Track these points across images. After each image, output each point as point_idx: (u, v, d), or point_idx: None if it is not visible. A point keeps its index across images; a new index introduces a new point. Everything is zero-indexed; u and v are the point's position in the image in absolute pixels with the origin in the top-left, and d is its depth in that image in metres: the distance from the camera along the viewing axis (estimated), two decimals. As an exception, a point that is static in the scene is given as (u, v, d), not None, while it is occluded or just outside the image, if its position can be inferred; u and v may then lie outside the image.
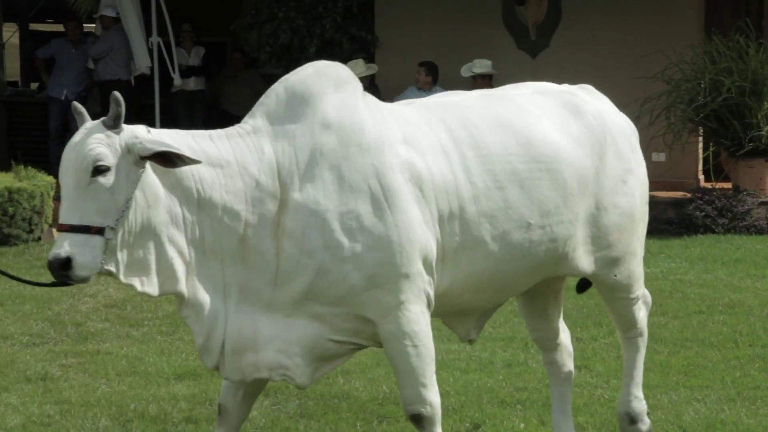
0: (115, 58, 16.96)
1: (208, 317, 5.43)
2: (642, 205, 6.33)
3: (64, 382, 7.96)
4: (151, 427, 7.07)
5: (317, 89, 5.60)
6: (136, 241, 5.26)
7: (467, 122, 5.82)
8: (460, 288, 5.80)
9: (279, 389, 7.80)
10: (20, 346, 8.95)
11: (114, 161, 5.15)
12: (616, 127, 6.22)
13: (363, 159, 5.51)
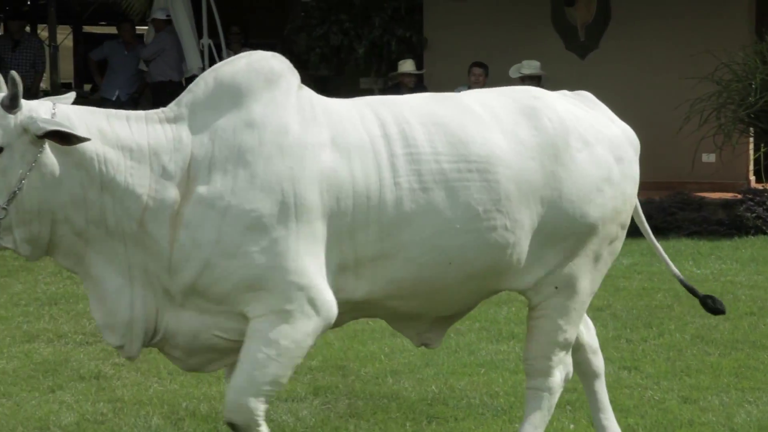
0: (167, 60, 17.03)
1: (109, 294, 5.43)
2: (611, 222, 5.83)
3: (117, 380, 7.99)
4: (203, 425, 7.08)
5: (246, 84, 5.50)
6: (34, 220, 5.25)
7: (401, 119, 5.62)
8: (382, 295, 5.64)
9: (329, 388, 7.80)
10: (74, 345, 8.99)
11: (6, 141, 5.15)
12: (591, 132, 5.81)
13: (282, 162, 5.39)
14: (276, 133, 5.40)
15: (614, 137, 5.90)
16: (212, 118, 5.45)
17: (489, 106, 5.71)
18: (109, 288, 5.45)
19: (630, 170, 5.93)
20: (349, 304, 5.60)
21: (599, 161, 5.78)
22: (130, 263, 5.43)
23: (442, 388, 7.67)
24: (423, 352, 8.66)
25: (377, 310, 5.82)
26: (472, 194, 5.52)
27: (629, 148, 5.97)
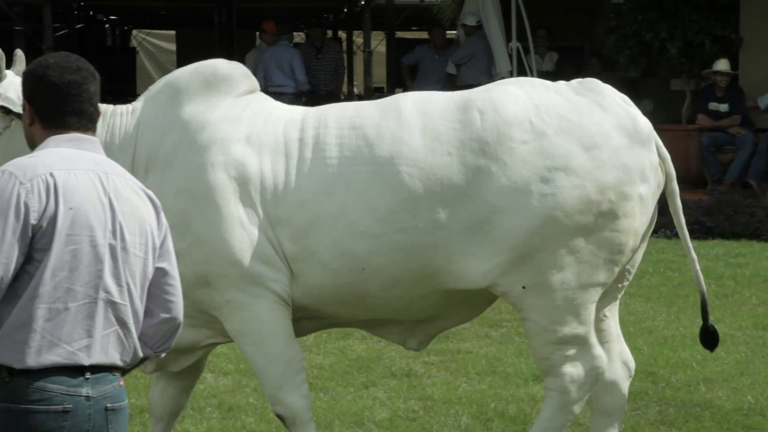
0: (477, 64, 17.09)
1: None
2: (579, 213, 5.45)
3: (427, 379, 8.02)
4: (511, 426, 7.03)
5: (184, 86, 5.68)
6: None
7: (321, 124, 5.61)
8: (313, 301, 5.59)
9: (639, 394, 7.62)
10: (386, 343, 9.05)
11: None
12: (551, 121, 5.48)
13: (192, 158, 5.52)
14: (193, 131, 5.57)
15: (590, 125, 5.53)
16: (155, 116, 5.67)
17: (425, 104, 5.57)
18: None
19: (613, 158, 5.51)
20: (297, 310, 5.62)
21: (549, 151, 5.46)
22: None
23: (758, 399, 7.40)
24: (738, 360, 8.39)
25: (328, 317, 5.79)
26: (375, 196, 5.43)
27: (618, 135, 5.55)
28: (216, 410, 7.33)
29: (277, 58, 17.38)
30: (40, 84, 3.75)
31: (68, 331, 3.57)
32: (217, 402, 7.49)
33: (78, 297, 3.59)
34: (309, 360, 8.47)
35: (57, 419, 3.55)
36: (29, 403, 3.52)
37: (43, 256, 3.54)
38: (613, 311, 5.88)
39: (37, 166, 3.58)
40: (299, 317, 5.68)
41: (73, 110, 3.74)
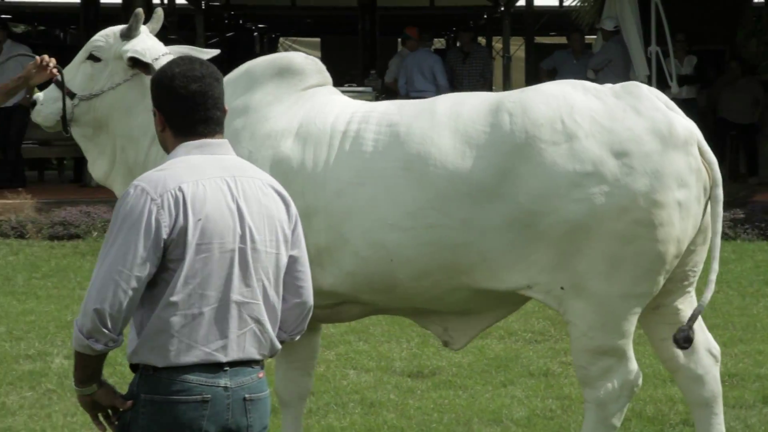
0: (613, 69, 16.90)
1: None
2: (614, 220, 5.29)
3: (564, 378, 7.98)
4: (649, 427, 6.97)
5: (259, 75, 5.87)
6: (99, 129, 6.02)
7: (365, 119, 5.67)
8: (347, 288, 5.61)
9: None
10: (524, 342, 9.06)
11: (106, 57, 5.95)
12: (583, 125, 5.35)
13: (247, 147, 5.66)
14: (257, 120, 5.75)
15: (621, 129, 5.35)
16: (232, 98, 5.74)
17: (459, 106, 5.55)
18: None
19: (644, 164, 5.31)
20: (332, 295, 5.64)
21: (580, 155, 5.31)
22: None
23: None
24: None
25: (368, 305, 5.80)
26: (403, 192, 5.43)
27: (651, 140, 5.34)
28: (358, 406, 7.39)
29: (418, 64, 17.44)
30: (167, 95, 3.84)
31: (204, 334, 3.69)
32: (359, 398, 7.54)
33: (211, 301, 3.69)
34: (449, 359, 8.52)
35: (197, 409, 3.66)
36: (171, 394, 3.66)
37: (177, 266, 3.65)
38: (686, 303, 5.70)
39: (166, 181, 3.67)
40: (341, 302, 5.76)
41: (201, 118, 3.83)
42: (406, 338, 9.08)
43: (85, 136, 5.99)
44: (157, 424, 3.66)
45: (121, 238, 3.60)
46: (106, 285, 3.58)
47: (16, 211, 14.49)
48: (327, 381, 7.93)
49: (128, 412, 3.71)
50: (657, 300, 5.62)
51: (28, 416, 7.20)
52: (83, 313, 3.59)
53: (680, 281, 5.64)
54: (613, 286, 5.38)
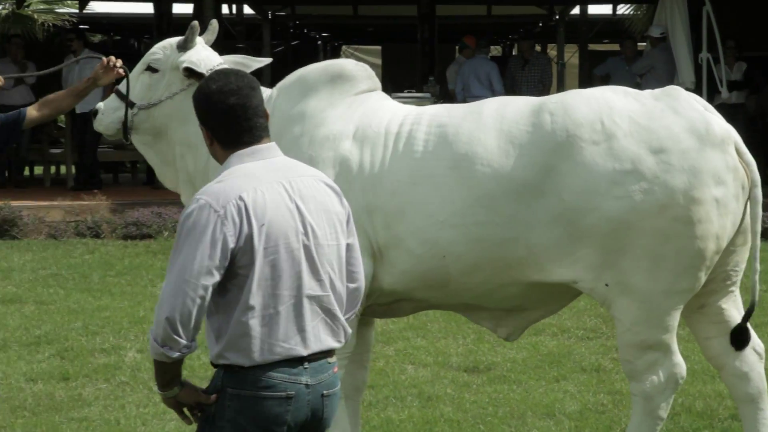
0: (656, 76, 16.72)
1: None
2: (654, 217, 5.26)
3: (615, 374, 7.93)
4: (698, 421, 6.92)
5: (312, 82, 5.86)
6: (157, 136, 6.02)
7: (416, 121, 5.69)
8: (402, 285, 5.61)
9: None
10: (576, 339, 9.03)
11: (164, 68, 5.96)
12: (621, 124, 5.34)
13: (308, 150, 5.66)
14: (314, 126, 5.74)
15: (658, 127, 5.34)
16: (283, 104, 5.85)
17: (504, 108, 5.57)
18: None
19: (682, 160, 5.28)
20: (389, 293, 5.67)
21: (619, 154, 5.31)
22: None
23: None
24: None
25: (423, 302, 5.79)
26: (453, 190, 5.45)
27: (688, 138, 5.32)
28: (416, 399, 7.39)
29: (475, 70, 17.41)
30: (208, 111, 3.90)
31: (283, 331, 3.74)
32: (417, 392, 7.55)
33: (284, 300, 3.75)
34: (503, 354, 8.51)
35: (282, 404, 3.72)
36: (258, 390, 3.72)
37: (247, 272, 3.70)
38: (730, 302, 5.65)
39: (227, 192, 3.71)
40: (396, 300, 5.77)
41: (245, 128, 3.88)
42: (462, 335, 9.08)
43: (145, 144, 6.03)
44: (243, 417, 3.72)
45: (187, 250, 3.66)
46: (175, 295, 3.63)
47: (92, 212, 14.62)
48: (386, 375, 7.94)
49: (213, 405, 3.77)
50: (701, 300, 5.60)
51: (102, 407, 7.26)
52: (156, 323, 3.65)
53: (723, 281, 5.60)
54: (655, 283, 5.36)
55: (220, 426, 3.75)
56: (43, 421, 6.92)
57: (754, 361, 5.63)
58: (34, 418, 7.01)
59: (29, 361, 8.30)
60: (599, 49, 27.18)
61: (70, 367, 8.12)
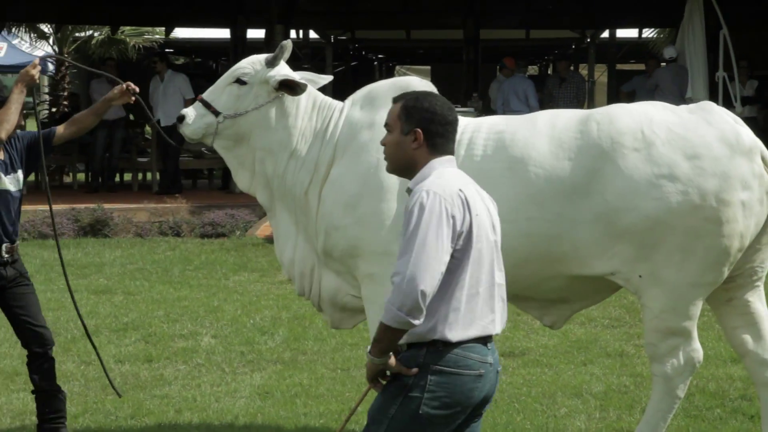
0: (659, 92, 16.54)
1: (281, 235, 5.98)
2: (687, 216, 5.24)
3: (637, 358, 7.90)
4: (711, 401, 6.87)
5: (382, 95, 5.79)
6: (240, 142, 5.94)
7: (476, 128, 5.69)
8: None
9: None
10: (602, 328, 8.98)
11: (252, 81, 5.88)
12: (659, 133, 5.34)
13: (375, 154, 5.60)
14: (380, 134, 5.58)
15: (693, 136, 5.34)
16: (355, 115, 5.84)
17: (555, 118, 5.57)
18: (282, 230, 5.97)
19: (714, 166, 5.28)
20: None
21: (657, 159, 5.30)
22: (297, 219, 5.88)
23: None
24: None
25: None
26: (509, 189, 5.40)
27: (720, 146, 5.31)
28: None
29: (514, 88, 17.37)
30: (433, 120, 3.94)
31: (480, 309, 3.85)
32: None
33: (483, 283, 3.85)
34: (536, 341, 8.48)
35: (474, 381, 3.81)
36: (457, 368, 3.80)
37: (462, 255, 3.79)
38: (756, 296, 5.62)
39: (450, 185, 3.82)
40: None
41: (451, 140, 3.99)
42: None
43: (226, 148, 5.98)
44: (442, 390, 3.78)
45: (430, 231, 3.72)
46: (427, 270, 3.68)
47: (174, 213, 14.73)
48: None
49: (410, 378, 3.79)
50: (729, 293, 5.59)
51: (181, 386, 7.32)
52: (405, 294, 3.67)
53: (749, 276, 5.58)
54: (684, 276, 5.34)
55: (414, 396, 3.79)
56: (129, 398, 6.98)
57: None
58: (137, 394, 7.08)
59: (118, 345, 8.40)
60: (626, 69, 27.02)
61: (153, 351, 8.21)
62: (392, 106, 4.02)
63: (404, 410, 3.78)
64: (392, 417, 3.79)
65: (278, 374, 7.57)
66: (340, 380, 7.41)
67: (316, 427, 6.34)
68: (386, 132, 4.04)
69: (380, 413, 3.83)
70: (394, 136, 3.98)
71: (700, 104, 5.60)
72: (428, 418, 3.77)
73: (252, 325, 9.03)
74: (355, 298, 5.89)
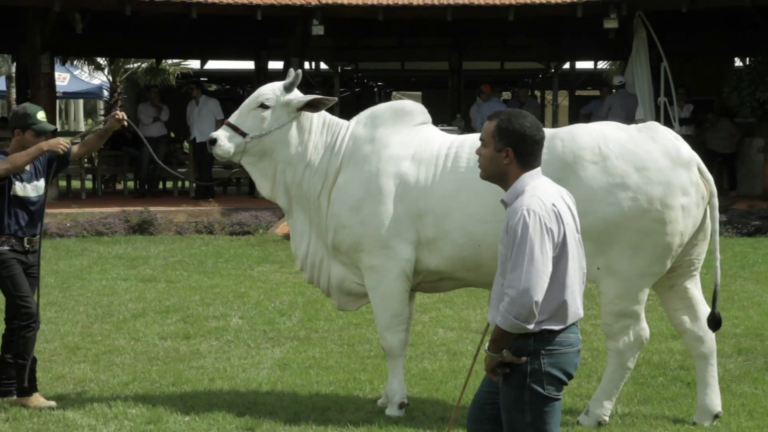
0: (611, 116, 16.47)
1: (297, 232, 5.96)
2: (638, 218, 5.25)
3: (594, 335, 7.85)
4: (655, 371, 6.84)
5: (382, 115, 5.85)
6: (264, 157, 5.89)
7: (460, 144, 5.69)
8: (447, 268, 5.62)
9: (749, 350, 7.32)
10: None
11: (274, 104, 5.84)
12: (612, 149, 5.36)
13: (375, 165, 5.68)
14: (381, 147, 5.75)
15: (641, 151, 5.36)
16: (359, 131, 5.85)
17: None
18: (297, 229, 5.95)
19: (659, 176, 5.31)
20: (435, 273, 5.70)
21: (611, 171, 5.32)
22: (311, 219, 5.87)
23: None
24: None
25: (460, 280, 5.77)
26: (487, 195, 5.32)
27: (663, 159, 5.34)
28: (445, 354, 7.37)
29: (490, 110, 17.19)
30: (523, 140, 3.78)
31: (574, 299, 3.74)
32: (446, 349, 7.52)
33: (576, 276, 3.76)
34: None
35: (576, 356, 3.78)
36: (564, 347, 3.72)
37: (558, 260, 3.68)
38: (693, 284, 5.64)
39: (545, 203, 3.71)
40: (441, 278, 5.77)
41: (538, 155, 3.84)
42: (480, 306, 9.03)
43: (251, 164, 5.95)
44: (554, 368, 3.70)
45: (536, 248, 3.62)
46: (537, 283, 3.60)
47: (207, 215, 14.72)
48: (422, 336, 7.93)
49: (526, 366, 3.71)
50: (671, 281, 5.59)
51: (214, 358, 7.30)
52: (520, 305, 3.60)
53: (688, 267, 5.60)
54: (634, 267, 5.35)
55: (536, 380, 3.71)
56: (171, 369, 6.97)
57: (706, 329, 5.60)
58: (164, 366, 7.07)
59: (161, 324, 8.38)
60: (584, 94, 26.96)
61: (190, 329, 8.19)
62: (487, 123, 3.86)
63: (535, 395, 3.71)
64: (528, 401, 3.71)
65: (295, 349, 7.55)
66: (347, 354, 7.39)
67: (327, 394, 6.34)
68: (480, 144, 3.89)
69: (517, 403, 3.74)
70: (489, 151, 3.85)
71: (646, 124, 5.60)
72: (551, 394, 3.72)
73: (272, 308, 9.01)
74: (359, 285, 5.88)
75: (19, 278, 5.97)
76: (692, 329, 5.63)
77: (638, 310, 5.47)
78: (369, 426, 5.61)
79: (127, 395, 6.27)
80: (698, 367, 5.68)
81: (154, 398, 6.20)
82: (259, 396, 6.28)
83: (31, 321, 5.99)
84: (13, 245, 5.98)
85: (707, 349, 5.64)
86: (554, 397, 3.73)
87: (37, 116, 5.99)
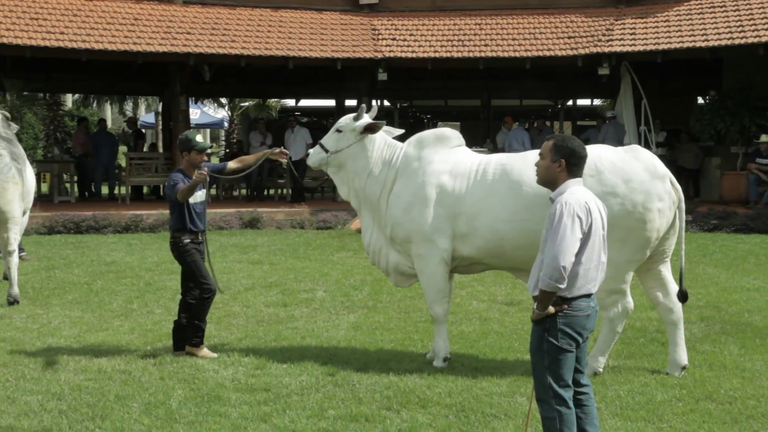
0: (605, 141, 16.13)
1: (365, 227, 5.94)
2: (625, 218, 5.13)
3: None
4: (637, 334, 6.70)
5: (426, 139, 5.82)
6: (340, 169, 5.95)
7: (487, 162, 5.59)
8: (477, 256, 5.53)
9: (708, 318, 7.14)
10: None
11: (345, 130, 5.92)
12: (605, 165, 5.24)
13: (422, 178, 5.65)
14: (426, 164, 5.68)
15: (627, 167, 5.25)
16: (410, 151, 5.82)
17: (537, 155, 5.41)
18: (365, 224, 5.91)
19: (640, 186, 5.20)
20: (468, 259, 5.62)
21: (604, 182, 5.22)
22: (374, 217, 5.83)
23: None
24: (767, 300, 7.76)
25: (488, 264, 5.68)
26: (509, 201, 5.33)
27: (644, 173, 5.23)
28: (477, 320, 7.30)
29: (515, 136, 17.17)
30: (572, 155, 3.79)
31: (590, 277, 3.74)
32: (479, 316, 7.45)
33: (594, 260, 3.74)
34: (527, 296, 8.32)
35: (584, 320, 3.73)
36: (576, 311, 3.71)
37: (584, 245, 3.70)
38: (665, 268, 5.58)
39: (579, 200, 3.71)
40: (473, 263, 5.73)
41: (582, 167, 3.84)
42: (504, 284, 8.95)
43: (333, 173, 6.05)
44: (568, 327, 3.69)
45: (568, 230, 3.64)
46: (566, 252, 3.62)
47: (300, 214, 14.78)
48: (460, 306, 7.86)
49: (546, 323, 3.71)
50: (648, 265, 5.53)
51: (305, 321, 7.31)
52: (553, 269, 3.62)
53: (661, 255, 5.54)
54: (622, 256, 5.29)
55: (553, 334, 3.70)
56: (272, 329, 6.99)
57: (675, 301, 5.54)
58: (268, 327, 7.08)
59: (265, 296, 8.40)
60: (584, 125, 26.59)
61: (287, 299, 8.20)
62: (546, 142, 3.87)
63: (551, 345, 3.70)
64: (546, 350, 3.71)
65: (365, 315, 7.55)
66: (404, 319, 7.36)
67: (388, 349, 6.32)
68: (540, 157, 3.87)
69: (538, 350, 3.73)
70: (546, 162, 3.84)
71: (631, 147, 5.55)
72: (564, 346, 3.70)
73: (348, 284, 9.01)
74: (410, 268, 5.87)
75: (199, 263, 6.08)
76: (665, 302, 5.56)
77: (625, 288, 5.41)
78: (420, 373, 5.60)
79: (241, 348, 6.33)
80: (669, 331, 5.59)
81: (260, 350, 6.24)
82: (338, 350, 6.29)
83: (211, 293, 6.09)
84: (192, 239, 6.10)
85: (676, 317, 5.56)
86: (567, 349, 3.69)
87: (196, 139, 6.12)
